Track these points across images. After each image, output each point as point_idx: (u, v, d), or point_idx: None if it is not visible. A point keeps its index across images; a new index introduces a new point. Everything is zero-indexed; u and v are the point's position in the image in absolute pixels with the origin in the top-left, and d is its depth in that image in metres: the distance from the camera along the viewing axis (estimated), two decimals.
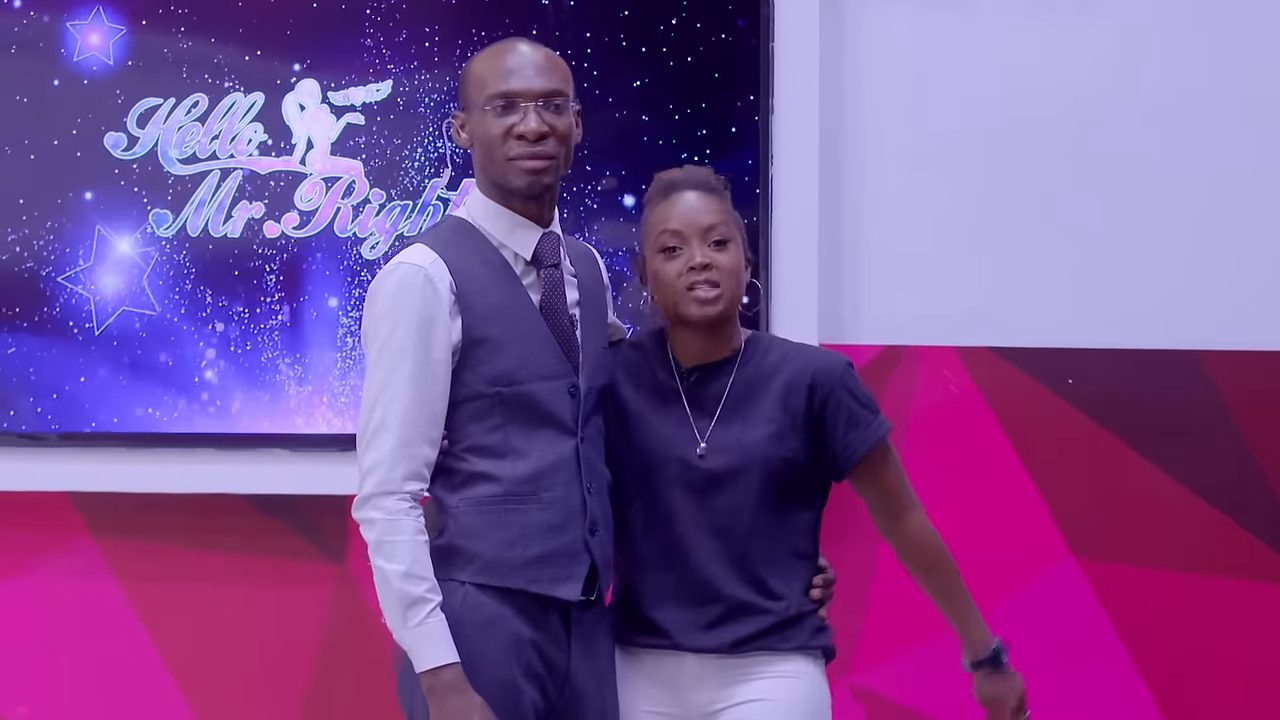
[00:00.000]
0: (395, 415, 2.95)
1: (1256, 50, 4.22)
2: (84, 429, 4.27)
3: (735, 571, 3.08)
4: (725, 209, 3.13)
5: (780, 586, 3.09)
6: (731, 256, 3.09)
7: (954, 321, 4.25)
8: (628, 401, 3.14)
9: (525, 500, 3.00)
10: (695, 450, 3.09)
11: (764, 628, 3.08)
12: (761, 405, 3.11)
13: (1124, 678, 4.21)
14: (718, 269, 3.07)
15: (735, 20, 4.20)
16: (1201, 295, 4.21)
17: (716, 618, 3.08)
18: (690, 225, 3.09)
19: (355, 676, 4.34)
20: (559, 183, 3.12)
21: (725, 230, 3.10)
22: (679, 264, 3.08)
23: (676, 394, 3.14)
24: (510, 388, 3.00)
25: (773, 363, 3.14)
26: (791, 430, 3.10)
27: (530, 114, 3.03)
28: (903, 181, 4.26)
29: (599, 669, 3.10)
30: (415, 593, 2.93)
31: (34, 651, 4.42)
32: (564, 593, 3.02)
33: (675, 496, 3.09)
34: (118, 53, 4.27)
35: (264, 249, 4.26)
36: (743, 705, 3.08)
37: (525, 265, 3.07)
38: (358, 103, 4.26)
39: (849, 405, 3.11)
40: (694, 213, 3.10)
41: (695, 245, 3.08)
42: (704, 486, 3.08)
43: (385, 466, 2.95)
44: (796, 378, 3.11)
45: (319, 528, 4.36)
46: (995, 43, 4.25)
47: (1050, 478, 4.24)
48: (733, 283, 3.09)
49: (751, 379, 3.13)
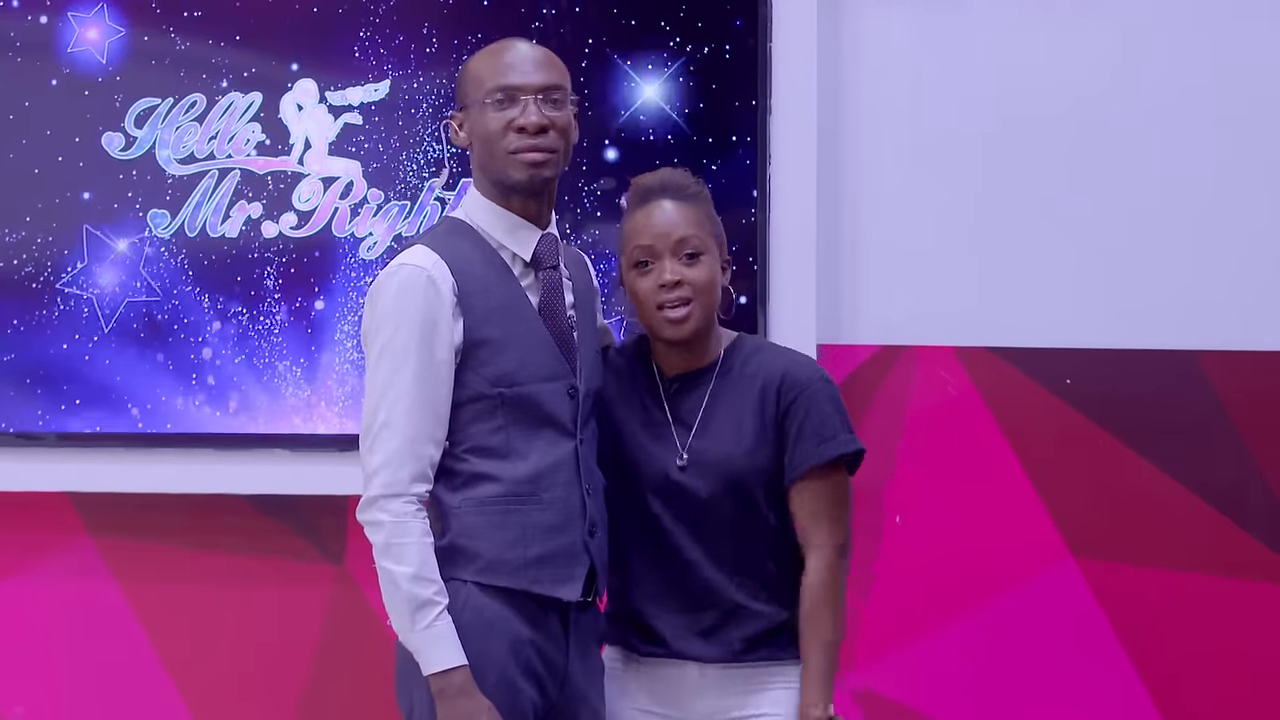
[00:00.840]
0: (400, 416, 2.95)
1: (1255, 51, 4.22)
2: (83, 430, 4.27)
3: (727, 576, 3.08)
4: (700, 217, 3.10)
5: (774, 593, 3.09)
6: (704, 270, 3.07)
7: (952, 321, 4.25)
8: (614, 409, 3.14)
9: (526, 501, 3.01)
10: (676, 462, 3.09)
11: (761, 631, 3.08)
12: (738, 414, 3.09)
13: (1122, 677, 4.21)
14: (689, 285, 3.06)
15: (733, 20, 4.20)
16: (1199, 295, 4.21)
17: (713, 623, 3.08)
18: (662, 239, 3.07)
19: (353, 677, 4.34)
20: (557, 183, 3.12)
21: (698, 242, 3.07)
22: (650, 280, 3.07)
23: (659, 404, 3.13)
24: (511, 389, 3.01)
25: (751, 370, 3.12)
26: (766, 437, 3.08)
27: (530, 106, 3.03)
28: (900, 182, 4.26)
29: (592, 670, 3.11)
30: (424, 595, 2.93)
31: (32, 652, 4.42)
32: (565, 593, 3.02)
33: (660, 505, 3.09)
34: (114, 52, 4.27)
35: (262, 249, 4.26)
36: (755, 718, 3.08)
37: (524, 267, 3.08)
38: (355, 103, 4.25)
39: (806, 417, 3.06)
40: (666, 225, 3.07)
41: (666, 261, 3.06)
42: (684, 497, 3.08)
43: (392, 468, 2.95)
44: (769, 383, 3.09)
45: (318, 528, 4.36)
46: (993, 43, 4.25)
47: (1048, 477, 4.24)
48: (705, 298, 3.07)
49: (729, 388, 3.11)
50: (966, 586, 4.24)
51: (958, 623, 4.23)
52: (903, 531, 4.23)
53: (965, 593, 4.23)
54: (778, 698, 3.07)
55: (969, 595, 4.24)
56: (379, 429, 2.96)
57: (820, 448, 3.06)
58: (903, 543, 4.22)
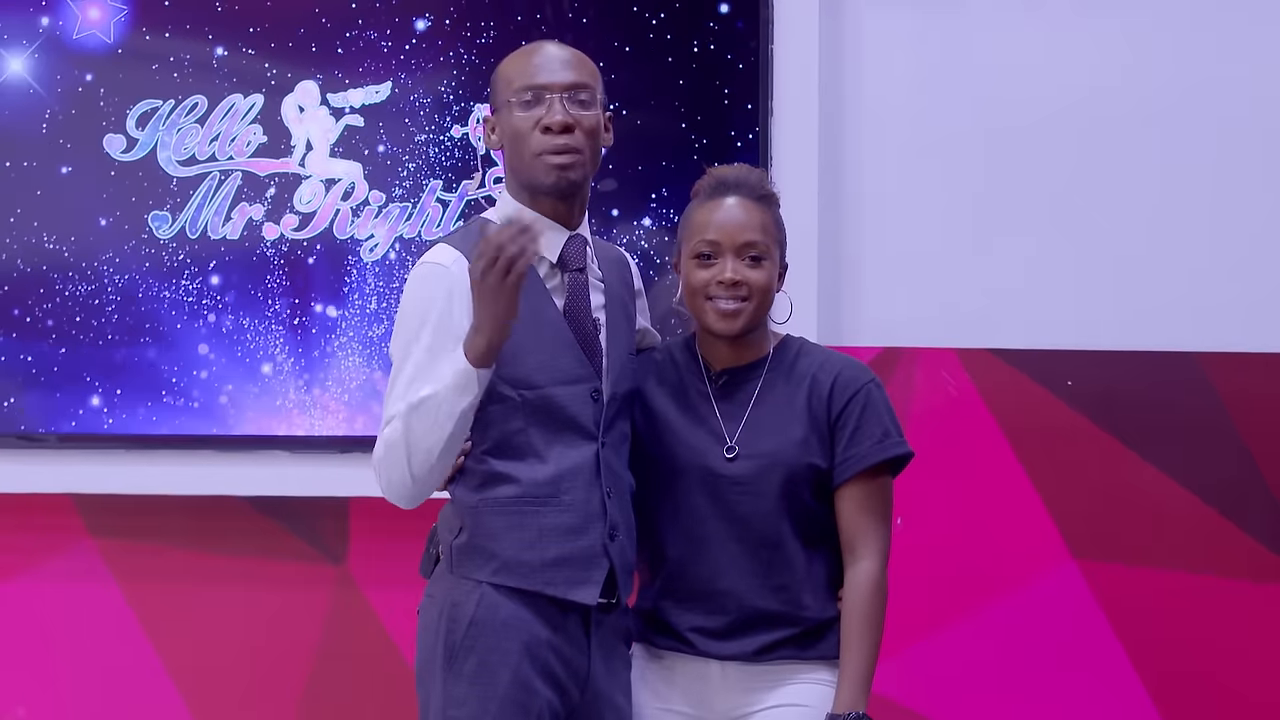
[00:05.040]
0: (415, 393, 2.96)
1: (1257, 52, 4.21)
2: (85, 431, 4.27)
3: (760, 580, 3.08)
4: (768, 221, 3.10)
5: (805, 595, 3.08)
6: (764, 273, 3.08)
7: (953, 323, 4.25)
8: (657, 405, 3.14)
9: (545, 503, 3.01)
10: (723, 451, 3.08)
11: (787, 636, 3.08)
12: (789, 410, 3.10)
13: (1122, 678, 4.21)
14: (747, 285, 3.06)
15: (734, 22, 4.20)
16: (1201, 297, 4.20)
17: (740, 626, 3.08)
18: (728, 238, 3.07)
19: (353, 677, 4.34)
20: (589, 185, 3.11)
21: (763, 247, 3.07)
22: (709, 274, 3.07)
23: (706, 397, 3.13)
24: (531, 391, 3.00)
25: (802, 369, 3.12)
26: (816, 437, 3.08)
27: (556, 104, 3.02)
28: (901, 183, 4.26)
29: (616, 670, 3.10)
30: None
31: (33, 652, 4.43)
32: (581, 596, 3.02)
33: (702, 500, 3.08)
34: (114, 50, 4.27)
35: (263, 251, 4.26)
36: (771, 710, 3.07)
37: (550, 268, 3.07)
38: (357, 104, 4.26)
39: (861, 419, 3.08)
40: (735, 225, 3.07)
41: (729, 259, 3.06)
42: (730, 490, 3.07)
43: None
44: (820, 383, 3.10)
45: (318, 529, 4.36)
46: (994, 44, 4.25)
47: (1049, 479, 4.23)
48: (761, 299, 3.08)
49: (780, 384, 3.11)
50: (967, 587, 4.24)
51: (958, 624, 4.23)
52: (904, 533, 4.22)
53: (966, 594, 4.23)
54: (801, 691, 3.07)
55: (970, 596, 4.24)
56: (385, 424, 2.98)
57: (874, 449, 3.08)
58: (904, 544, 4.19)
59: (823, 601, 3.09)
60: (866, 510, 3.08)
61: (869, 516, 3.08)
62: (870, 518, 3.08)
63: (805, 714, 3.04)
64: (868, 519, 3.08)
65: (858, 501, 3.08)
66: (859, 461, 3.07)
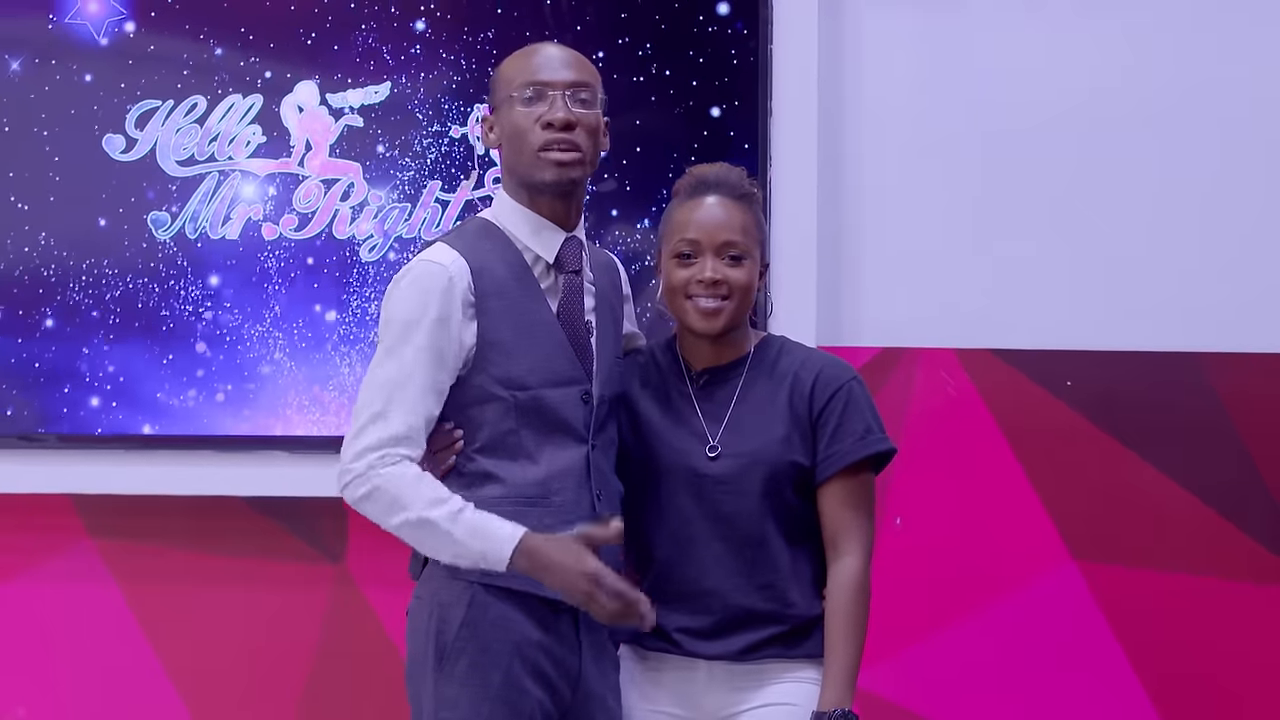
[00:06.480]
0: (394, 405, 2.95)
1: (1257, 53, 4.21)
2: (84, 431, 4.27)
3: (745, 579, 3.08)
4: (749, 220, 3.10)
5: (790, 593, 3.09)
6: (745, 272, 3.08)
7: (952, 323, 4.24)
8: (640, 407, 3.14)
9: (534, 504, 3.01)
10: (706, 451, 3.09)
11: (773, 635, 3.08)
12: (771, 409, 3.10)
13: (1121, 679, 4.21)
14: (727, 284, 3.07)
15: (734, 22, 4.20)
16: (1201, 297, 4.20)
17: (726, 625, 3.08)
18: (708, 237, 3.08)
19: (353, 677, 4.34)
20: (586, 187, 3.11)
21: (744, 246, 3.08)
22: (689, 273, 3.08)
23: (687, 397, 3.14)
24: (524, 392, 3.00)
25: (783, 367, 3.13)
26: (799, 435, 3.09)
27: (558, 101, 3.02)
28: (901, 183, 4.26)
29: (607, 670, 3.11)
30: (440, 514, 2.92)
31: (33, 653, 4.43)
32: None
33: (686, 501, 3.09)
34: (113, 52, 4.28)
35: (262, 251, 4.27)
36: (759, 709, 3.08)
37: (546, 269, 3.07)
38: (356, 105, 4.26)
39: (842, 415, 3.08)
40: (715, 224, 3.08)
41: (709, 258, 3.07)
42: (714, 489, 3.08)
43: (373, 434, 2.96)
44: (801, 381, 3.11)
45: (317, 529, 4.36)
46: (994, 45, 4.25)
47: (1049, 480, 4.23)
48: (741, 298, 3.09)
49: (762, 382, 3.12)
50: (966, 588, 4.23)
51: (957, 625, 4.23)
52: (903, 533, 4.23)
53: (965, 594, 4.23)
54: (788, 690, 3.08)
55: (969, 597, 4.23)
56: (368, 419, 2.98)
57: (856, 445, 3.08)
58: (903, 544, 4.21)
59: (808, 599, 3.10)
60: (849, 507, 3.08)
61: (852, 513, 3.08)
62: (853, 514, 3.09)
63: (792, 713, 3.05)
64: (851, 515, 3.08)
65: (840, 498, 3.08)
66: (841, 458, 3.08)
